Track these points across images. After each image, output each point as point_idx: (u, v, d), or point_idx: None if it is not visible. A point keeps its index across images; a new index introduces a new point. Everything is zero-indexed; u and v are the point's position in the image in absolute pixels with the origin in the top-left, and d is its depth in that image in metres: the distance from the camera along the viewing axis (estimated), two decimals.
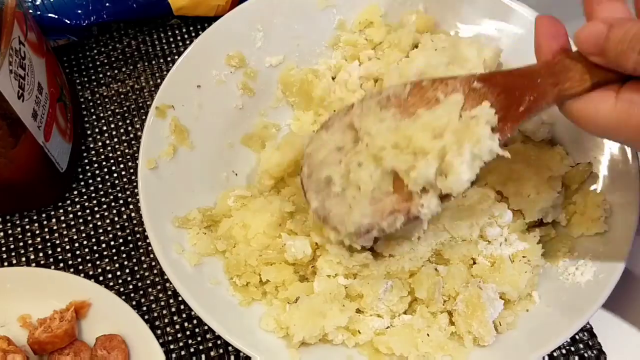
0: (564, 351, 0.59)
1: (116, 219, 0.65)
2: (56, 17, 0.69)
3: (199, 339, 0.60)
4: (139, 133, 0.69)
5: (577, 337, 0.60)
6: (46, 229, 0.65)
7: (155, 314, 0.61)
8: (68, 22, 0.70)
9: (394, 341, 0.52)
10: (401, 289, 0.54)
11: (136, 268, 0.63)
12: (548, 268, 0.56)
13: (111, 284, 0.62)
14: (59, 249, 0.64)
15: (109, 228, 0.65)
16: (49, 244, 0.64)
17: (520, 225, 0.56)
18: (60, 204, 0.66)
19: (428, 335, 0.52)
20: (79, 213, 0.66)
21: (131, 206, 0.66)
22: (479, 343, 0.53)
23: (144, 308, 0.61)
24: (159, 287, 0.62)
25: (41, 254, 0.64)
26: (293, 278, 0.55)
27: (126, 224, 0.65)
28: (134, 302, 0.61)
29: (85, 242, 0.64)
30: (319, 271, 0.54)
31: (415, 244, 0.55)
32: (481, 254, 0.56)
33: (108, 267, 0.63)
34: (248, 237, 0.56)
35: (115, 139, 0.69)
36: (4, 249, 0.64)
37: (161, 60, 0.74)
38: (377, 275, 0.54)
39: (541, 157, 0.58)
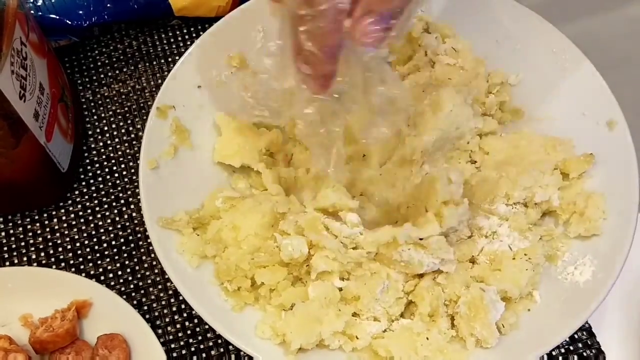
0: (562, 350, 0.59)
1: (117, 218, 0.66)
2: (57, 17, 0.69)
3: (199, 338, 0.60)
4: (140, 133, 0.69)
5: (576, 336, 0.60)
6: (47, 229, 0.65)
7: (156, 314, 0.61)
8: (69, 22, 0.70)
9: (393, 345, 0.52)
10: (397, 290, 0.54)
11: (137, 268, 0.63)
12: (547, 267, 0.56)
13: (112, 283, 0.63)
14: (60, 249, 0.64)
15: (110, 228, 0.65)
16: (50, 244, 0.64)
17: (522, 224, 0.57)
18: (61, 204, 0.66)
19: (427, 338, 0.52)
20: (80, 213, 0.66)
21: (132, 206, 0.66)
22: (481, 345, 0.53)
23: (145, 307, 0.61)
24: (159, 286, 0.62)
25: (42, 254, 0.64)
26: (287, 280, 0.55)
27: (127, 223, 0.65)
28: (135, 302, 0.62)
29: (86, 242, 0.64)
30: (314, 268, 0.54)
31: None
32: (482, 252, 0.56)
33: (109, 267, 0.63)
34: (238, 239, 0.55)
35: (117, 139, 0.69)
36: (5, 248, 0.64)
37: (162, 61, 0.74)
38: (370, 275, 0.54)
39: (545, 143, 0.59)
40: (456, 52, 0.63)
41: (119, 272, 0.63)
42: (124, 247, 0.64)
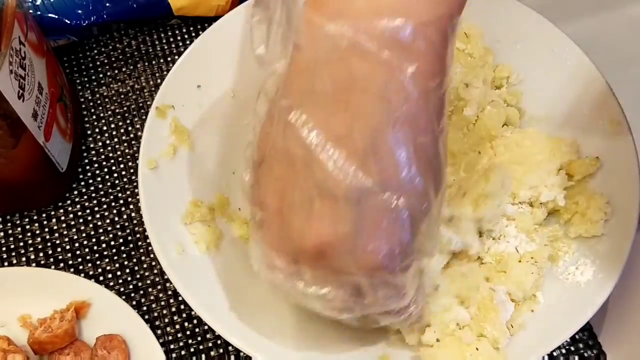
0: (563, 351, 0.59)
1: (116, 219, 0.65)
2: (56, 17, 0.69)
3: (199, 338, 0.60)
4: (139, 133, 0.69)
5: (576, 337, 0.60)
6: (46, 229, 0.65)
7: (156, 314, 0.61)
8: (68, 22, 0.70)
9: (442, 355, 0.51)
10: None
11: (136, 268, 0.63)
12: (549, 267, 0.56)
13: (111, 283, 0.62)
14: (59, 249, 0.64)
15: (109, 228, 0.65)
16: (49, 244, 0.64)
17: (528, 224, 0.56)
18: (60, 204, 0.66)
19: (477, 349, 0.51)
20: (79, 213, 0.66)
21: (131, 206, 0.66)
22: (492, 346, 0.52)
23: (144, 308, 0.61)
24: (159, 287, 0.62)
25: (41, 254, 0.64)
26: None
27: (126, 224, 0.65)
28: (134, 302, 0.61)
29: (85, 242, 0.64)
30: None
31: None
32: (488, 252, 0.56)
33: (108, 267, 0.63)
34: None
35: (116, 139, 0.69)
36: (4, 248, 0.64)
37: (161, 60, 0.74)
38: None
39: (550, 143, 0.59)
40: (467, 38, 0.63)
41: (118, 273, 0.63)
42: (123, 248, 0.64)
